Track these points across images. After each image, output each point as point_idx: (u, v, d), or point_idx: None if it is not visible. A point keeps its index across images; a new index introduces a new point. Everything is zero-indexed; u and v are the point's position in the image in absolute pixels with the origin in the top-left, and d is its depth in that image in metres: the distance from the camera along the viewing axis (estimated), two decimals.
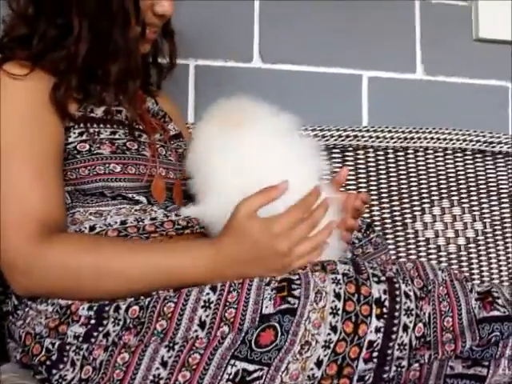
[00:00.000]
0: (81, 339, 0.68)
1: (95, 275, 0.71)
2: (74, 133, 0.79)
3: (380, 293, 0.67)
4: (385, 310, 0.66)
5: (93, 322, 0.69)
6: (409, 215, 1.27)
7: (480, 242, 1.28)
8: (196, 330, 0.66)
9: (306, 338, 0.64)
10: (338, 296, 0.67)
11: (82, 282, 0.71)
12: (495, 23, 1.43)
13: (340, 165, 1.26)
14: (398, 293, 0.67)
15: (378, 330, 0.65)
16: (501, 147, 1.30)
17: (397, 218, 1.26)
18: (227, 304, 0.67)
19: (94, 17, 0.77)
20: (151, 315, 0.68)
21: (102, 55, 0.80)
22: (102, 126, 0.81)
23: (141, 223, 0.80)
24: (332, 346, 0.64)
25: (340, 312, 0.66)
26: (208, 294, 0.68)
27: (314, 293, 0.67)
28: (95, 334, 0.68)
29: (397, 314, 0.66)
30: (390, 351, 0.65)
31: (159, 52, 0.98)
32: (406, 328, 0.66)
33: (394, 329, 0.65)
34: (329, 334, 0.64)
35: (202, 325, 0.66)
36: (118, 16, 0.78)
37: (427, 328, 0.67)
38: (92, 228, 0.78)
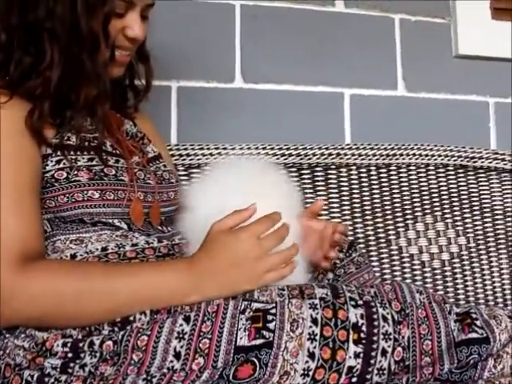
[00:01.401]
0: (58, 370, 0.68)
1: (77, 300, 0.70)
2: (52, 161, 0.79)
3: (357, 317, 0.67)
4: (362, 334, 0.66)
5: (70, 355, 0.69)
6: (392, 232, 1.27)
7: (464, 257, 1.29)
8: (172, 361, 0.66)
9: (284, 368, 0.64)
10: (315, 321, 0.67)
11: (64, 307, 0.71)
12: (474, 40, 1.45)
13: (323, 183, 1.27)
14: (375, 317, 0.68)
15: (357, 356, 0.65)
16: (482, 162, 1.31)
17: (380, 235, 1.26)
18: (201, 334, 0.67)
19: (64, 42, 0.78)
20: (126, 349, 0.67)
21: (72, 80, 0.80)
22: (78, 153, 0.81)
23: (122, 249, 0.79)
24: (311, 373, 0.64)
25: (318, 337, 0.66)
26: (181, 325, 0.68)
27: (290, 323, 0.66)
28: (71, 364, 0.68)
29: (375, 338, 0.66)
30: (369, 376, 0.65)
31: (136, 74, 0.98)
32: (384, 352, 0.66)
33: (373, 353, 0.65)
34: (307, 362, 0.64)
35: (177, 356, 0.66)
36: (87, 41, 0.78)
37: (406, 352, 0.67)
38: (73, 256, 0.78)
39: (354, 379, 0.65)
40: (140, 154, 0.91)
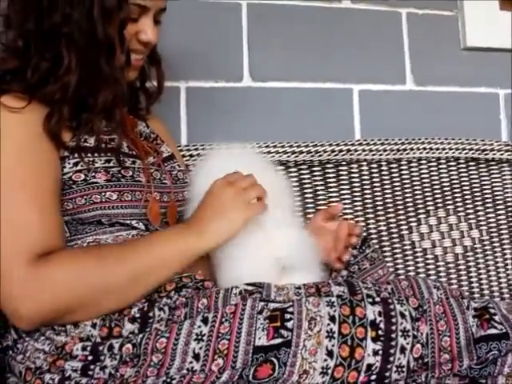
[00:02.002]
0: (79, 372, 0.69)
1: (101, 279, 0.72)
2: (69, 163, 0.80)
3: (375, 315, 0.67)
4: (380, 332, 0.66)
5: (90, 358, 0.69)
6: (405, 226, 1.27)
7: (477, 250, 1.28)
8: (191, 362, 0.67)
9: (303, 367, 0.65)
10: (332, 319, 0.67)
11: (93, 291, 0.71)
12: (482, 31, 1.44)
13: (335, 179, 1.27)
14: (393, 314, 0.68)
15: (376, 353, 0.65)
16: (494, 154, 1.31)
17: (393, 230, 1.26)
18: (220, 335, 0.67)
19: (81, 47, 0.78)
20: (145, 351, 0.68)
21: (90, 84, 0.81)
22: (96, 155, 0.82)
23: None
24: (330, 371, 0.65)
25: (336, 335, 0.66)
26: (200, 326, 0.68)
27: (307, 321, 0.67)
28: (92, 367, 0.69)
29: (393, 335, 0.66)
30: (388, 373, 0.65)
31: (147, 78, 0.99)
32: (403, 350, 0.66)
33: (392, 351, 0.66)
34: (325, 360, 0.65)
35: (196, 357, 0.67)
36: (103, 45, 0.79)
37: (425, 349, 0.67)
38: None
39: (372, 377, 0.65)
40: (155, 154, 0.91)
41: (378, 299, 0.69)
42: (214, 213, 0.78)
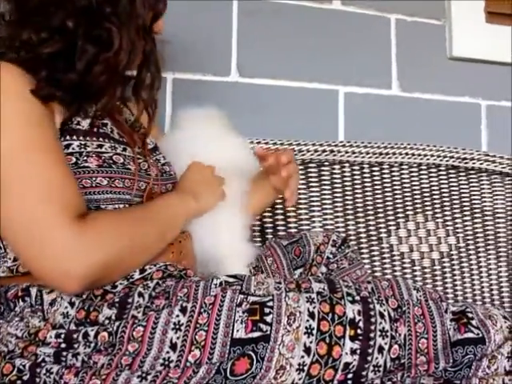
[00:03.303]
0: (51, 359, 0.67)
1: (138, 236, 0.76)
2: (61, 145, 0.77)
3: (354, 313, 0.67)
4: (359, 331, 0.66)
5: (63, 345, 0.68)
6: (384, 230, 1.28)
7: (454, 257, 1.30)
8: (168, 352, 0.65)
9: (280, 362, 0.64)
10: (312, 315, 0.67)
11: (130, 245, 0.74)
12: (468, 42, 1.46)
13: (316, 179, 1.27)
14: (372, 313, 0.68)
15: (353, 352, 0.65)
16: (473, 163, 1.33)
17: (372, 233, 1.27)
18: (197, 326, 0.66)
19: (126, 27, 0.79)
20: (121, 340, 0.67)
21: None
22: (88, 138, 0.79)
23: None
24: (306, 368, 0.64)
25: (315, 332, 0.66)
26: (178, 316, 0.67)
27: (287, 316, 0.66)
28: (64, 353, 0.67)
29: (372, 334, 0.66)
30: (364, 372, 0.65)
31: None
32: (381, 349, 0.66)
33: (370, 350, 0.66)
34: (302, 357, 0.64)
35: (173, 347, 0.66)
36: (143, 31, 0.82)
37: (402, 350, 0.67)
38: None
39: (349, 375, 0.65)
40: (140, 144, 0.90)
41: (357, 298, 0.69)
42: (201, 185, 0.92)
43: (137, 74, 0.85)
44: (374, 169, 1.30)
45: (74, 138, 0.78)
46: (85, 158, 0.77)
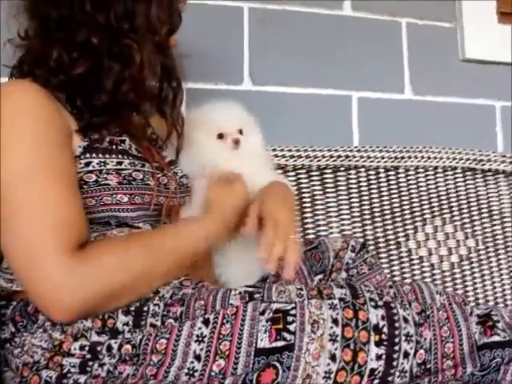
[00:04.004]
0: (77, 369, 0.68)
1: (145, 267, 0.72)
2: (80, 163, 0.77)
3: (378, 319, 0.67)
4: (384, 336, 0.66)
5: (88, 356, 0.68)
6: (402, 234, 1.27)
7: (473, 259, 1.29)
8: (192, 362, 0.66)
9: (306, 371, 0.64)
10: (335, 322, 0.66)
11: (134, 276, 0.71)
12: (481, 44, 1.46)
13: (333, 185, 1.27)
14: (396, 318, 0.67)
15: (379, 358, 0.65)
16: (490, 165, 1.32)
17: (390, 237, 1.27)
18: (221, 337, 0.66)
19: (145, 42, 0.80)
20: (145, 351, 0.67)
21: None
22: (107, 155, 0.79)
23: None
24: (332, 376, 0.64)
25: (339, 338, 0.65)
26: (200, 328, 0.67)
27: (310, 324, 0.66)
28: (90, 363, 0.68)
29: (397, 339, 0.66)
30: (391, 378, 0.65)
31: None
32: (406, 354, 0.66)
33: (395, 355, 0.65)
34: (328, 365, 0.64)
35: (197, 358, 0.66)
36: (159, 46, 0.83)
37: (428, 354, 0.66)
38: None
39: (375, 381, 0.65)
40: (157, 158, 0.90)
41: (380, 303, 0.69)
42: (219, 214, 0.84)
43: (159, 90, 0.86)
44: (390, 173, 1.30)
45: (94, 155, 0.78)
46: (105, 175, 0.78)
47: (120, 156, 0.81)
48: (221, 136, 0.97)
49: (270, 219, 0.78)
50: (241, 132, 0.97)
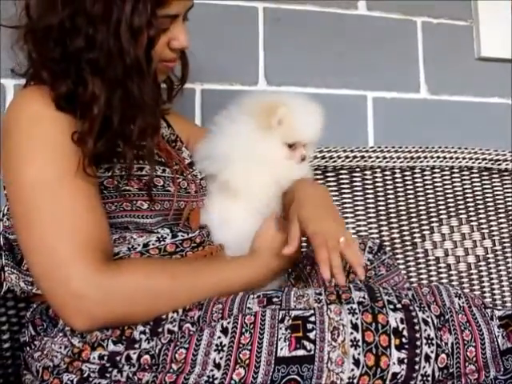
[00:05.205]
0: (96, 374, 0.68)
1: (171, 296, 0.73)
2: (101, 168, 0.78)
3: (397, 322, 0.66)
4: (404, 339, 0.65)
5: (107, 365, 0.69)
6: (418, 234, 1.27)
7: (490, 260, 1.28)
8: (212, 370, 0.66)
9: (331, 378, 0.64)
10: (355, 327, 0.66)
11: (157, 303, 0.72)
12: (496, 42, 1.44)
13: (348, 185, 1.26)
14: (416, 321, 0.67)
15: (401, 362, 0.64)
16: (507, 164, 1.31)
17: (406, 238, 1.26)
18: (241, 346, 0.66)
19: (107, 72, 0.74)
20: (164, 361, 0.67)
21: (122, 112, 0.76)
22: (128, 161, 0.78)
23: (162, 243, 0.80)
24: (355, 381, 0.64)
25: (360, 343, 0.65)
26: (220, 337, 0.67)
27: (330, 331, 0.66)
28: (110, 369, 0.68)
29: (418, 343, 0.65)
30: (413, 382, 0.64)
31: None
32: (428, 358, 0.65)
33: (417, 359, 0.65)
34: (352, 370, 0.64)
35: (217, 366, 0.66)
36: (131, 68, 0.74)
37: (450, 359, 0.66)
38: (116, 254, 0.78)
39: None
40: (177, 160, 0.90)
41: (399, 306, 0.68)
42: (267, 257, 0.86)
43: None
44: (406, 173, 1.29)
45: (115, 160, 0.78)
46: (125, 181, 0.78)
47: (141, 161, 0.81)
48: (291, 145, 0.91)
49: (315, 238, 0.76)
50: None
